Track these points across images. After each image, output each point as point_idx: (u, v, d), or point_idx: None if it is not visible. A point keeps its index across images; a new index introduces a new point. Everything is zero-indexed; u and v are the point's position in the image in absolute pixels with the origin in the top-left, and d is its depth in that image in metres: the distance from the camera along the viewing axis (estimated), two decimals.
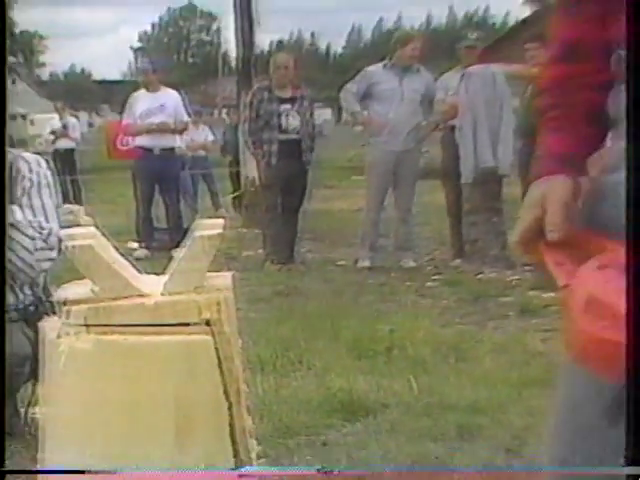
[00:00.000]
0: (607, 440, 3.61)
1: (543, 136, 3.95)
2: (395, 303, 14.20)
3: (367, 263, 17.74)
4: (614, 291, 3.18)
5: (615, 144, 3.73)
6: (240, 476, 3.70)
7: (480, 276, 15.66)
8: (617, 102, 3.67)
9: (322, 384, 9.32)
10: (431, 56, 19.48)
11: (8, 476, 3.56)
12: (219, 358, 3.63)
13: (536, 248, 3.61)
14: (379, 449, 7.55)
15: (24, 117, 21.37)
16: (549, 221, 3.58)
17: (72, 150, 27.68)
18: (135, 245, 18.19)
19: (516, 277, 15.40)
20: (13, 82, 23.81)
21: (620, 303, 3.12)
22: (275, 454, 6.96)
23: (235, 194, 20.65)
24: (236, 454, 3.72)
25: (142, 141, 20.35)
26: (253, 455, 3.80)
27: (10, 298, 8.29)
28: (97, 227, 8.71)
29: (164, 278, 3.74)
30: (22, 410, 8.13)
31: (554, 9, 3.99)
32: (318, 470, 3.71)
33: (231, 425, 3.72)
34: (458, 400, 8.71)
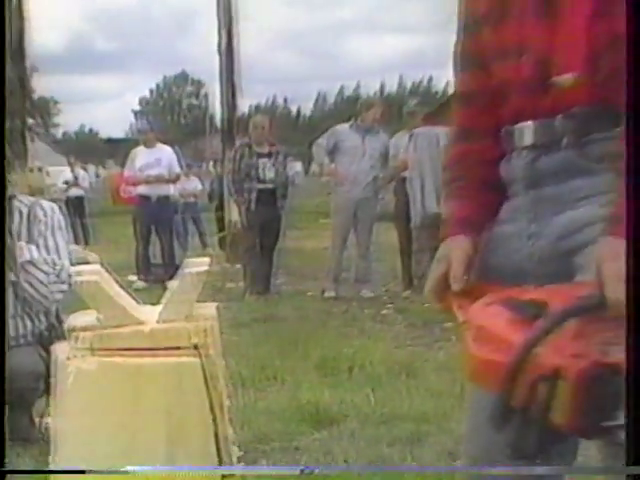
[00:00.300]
0: (494, 441, 3.67)
1: (448, 203, 4.12)
2: (356, 328, 14.21)
3: (332, 293, 17.86)
4: (498, 322, 3.35)
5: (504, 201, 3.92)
6: (223, 477, 3.69)
7: (427, 305, 15.63)
8: (508, 169, 3.82)
9: (294, 397, 9.33)
10: (385, 119, 19.53)
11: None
12: (205, 377, 3.62)
13: (445, 295, 3.80)
14: (341, 453, 7.55)
15: (40, 170, 21.35)
16: (453, 275, 3.78)
17: (82, 197, 27.75)
18: (134, 278, 18.17)
19: None
20: (32, 140, 23.94)
21: (503, 331, 3.30)
22: (253, 457, 6.95)
23: (220, 234, 20.65)
24: (220, 459, 3.70)
25: (141, 190, 20.61)
26: (234, 459, 3.78)
27: (27, 324, 8.33)
28: (102, 262, 8.71)
29: (159, 308, 3.74)
30: (37, 420, 8.12)
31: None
32: (301, 471, 3.70)
33: (216, 434, 3.71)
34: (409, 411, 8.72)
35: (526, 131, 3.71)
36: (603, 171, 3.56)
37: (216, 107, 23.40)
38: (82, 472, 3.45)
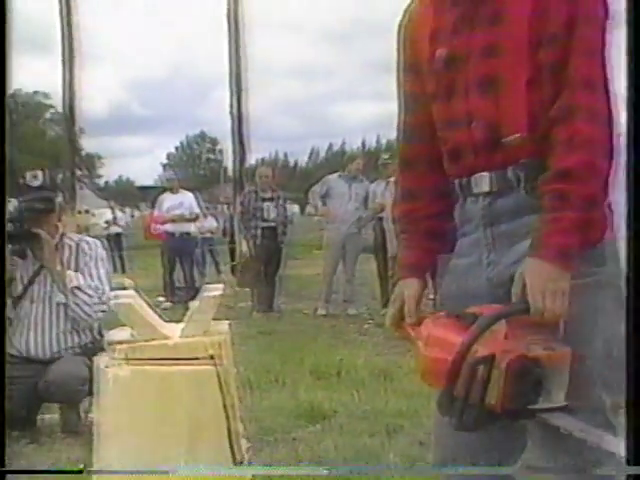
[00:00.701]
0: (458, 439, 3.81)
1: (400, 251, 4.18)
2: (342, 340, 14.30)
3: (324, 312, 18.03)
4: (443, 329, 3.53)
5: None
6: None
7: None
8: (463, 212, 3.88)
9: (292, 397, 9.35)
10: (366, 170, 19.68)
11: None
12: (220, 382, 3.57)
13: (401, 326, 3.89)
14: (332, 443, 7.50)
15: (87, 212, 21.31)
16: (407, 311, 3.89)
17: (120, 234, 27.76)
18: (162, 299, 18.11)
19: None
20: (80, 188, 24.03)
21: (447, 335, 3.48)
22: (260, 447, 6.87)
23: (232, 263, 20.63)
24: (232, 450, 3.64)
25: (167, 227, 21.07)
26: (244, 449, 3.71)
27: (75, 339, 8.35)
28: (136, 287, 8.65)
29: (181, 325, 3.69)
30: (83, 415, 8.04)
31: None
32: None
33: (228, 429, 3.65)
34: (386, 408, 8.70)
35: (483, 180, 3.73)
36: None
37: (229, 160, 23.33)
38: (80, 472, 3.35)
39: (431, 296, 7.96)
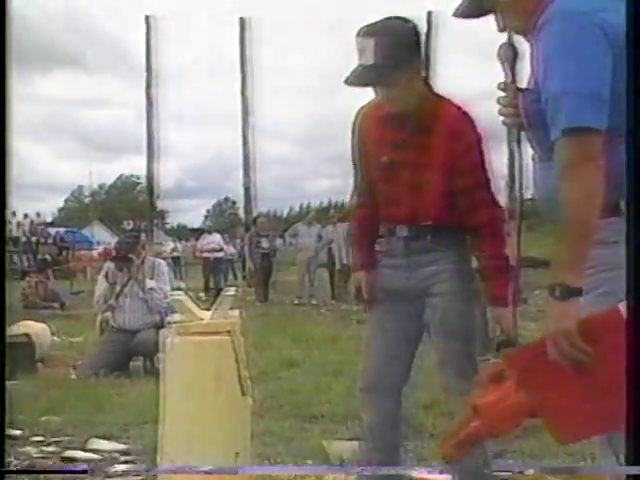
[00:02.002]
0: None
1: (353, 257, 4.20)
2: (309, 318, 14.23)
3: (297, 302, 17.91)
4: None
5: None
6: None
7: (343, 308, 15.58)
8: (388, 246, 3.72)
9: (278, 353, 9.22)
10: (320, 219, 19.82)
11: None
12: (233, 347, 3.47)
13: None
14: (301, 380, 7.35)
15: (159, 243, 21.24)
16: (360, 292, 3.86)
17: (178, 257, 27.56)
18: (202, 295, 17.93)
19: None
20: (156, 229, 23.87)
21: None
22: (258, 383, 6.72)
23: (243, 274, 20.56)
24: (241, 386, 3.55)
25: (205, 254, 21.35)
26: (248, 385, 3.60)
27: (150, 319, 8.34)
28: (187, 287, 8.61)
29: (211, 312, 3.61)
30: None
31: None
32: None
33: (238, 374, 3.56)
34: (334, 359, 8.60)
35: (403, 229, 3.58)
36: (446, 250, 3.54)
37: (241, 214, 23.28)
38: (84, 472, 3.10)
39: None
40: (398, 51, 3.24)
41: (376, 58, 3.19)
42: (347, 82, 3.26)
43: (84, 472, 3.12)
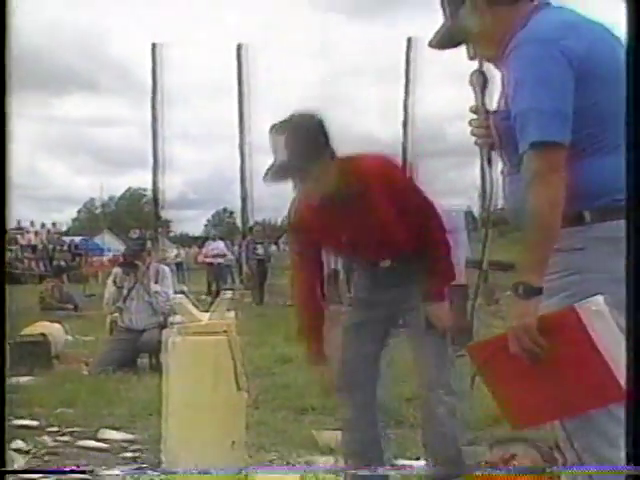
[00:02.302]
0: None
1: None
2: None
3: (290, 303, 17.39)
4: None
5: None
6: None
7: None
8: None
9: (272, 350, 9.15)
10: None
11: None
12: (230, 347, 3.49)
13: None
14: (294, 374, 7.31)
15: (163, 250, 21.12)
16: None
17: (181, 262, 27.23)
18: (204, 296, 17.81)
19: None
20: (162, 237, 23.81)
21: None
22: (254, 378, 6.67)
23: (241, 277, 20.42)
24: (236, 381, 3.55)
25: (209, 259, 21.11)
26: (243, 381, 3.59)
27: (155, 319, 8.38)
28: (189, 289, 8.59)
29: (209, 314, 3.62)
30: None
31: None
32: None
33: (235, 371, 3.57)
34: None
35: (386, 262, 3.62)
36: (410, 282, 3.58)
37: (239, 223, 23.16)
38: (83, 472, 3.09)
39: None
40: (307, 145, 3.22)
41: (288, 154, 3.18)
42: (265, 180, 3.25)
43: (82, 472, 3.08)
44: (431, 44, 2.61)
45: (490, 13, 2.44)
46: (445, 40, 2.58)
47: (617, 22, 2.19)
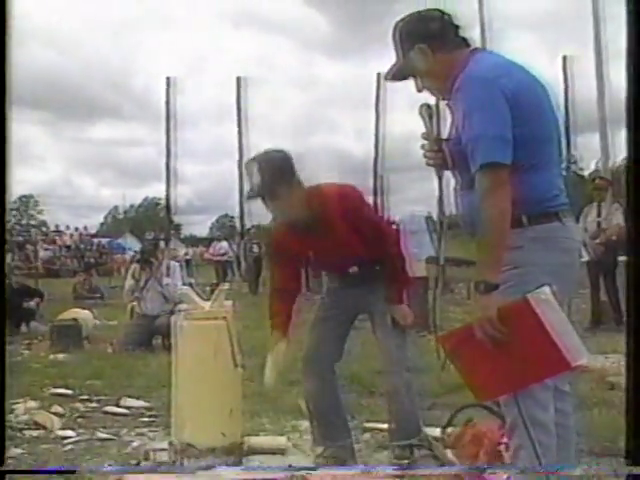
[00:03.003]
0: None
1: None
2: None
3: None
4: None
5: None
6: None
7: None
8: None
9: (262, 336, 8.40)
10: None
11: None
12: (228, 330, 3.44)
13: None
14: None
15: (174, 249, 20.75)
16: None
17: (190, 259, 26.89)
18: (208, 288, 17.71)
19: None
20: (173, 239, 23.46)
21: None
22: (245, 358, 6.62)
23: (239, 271, 20.22)
24: (233, 359, 3.51)
25: (215, 257, 21.12)
26: (239, 359, 3.54)
27: (166, 306, 8.25)
28: (196, 281, 8.59)
29: (210, 302, 3.57)
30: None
31: None
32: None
33: (232, 351, 3.53)
34: None
35: (355, 268, 3.58)
36: (374, 286, 3.56)
37: (238, 226, 22.97)
38: (72, 472, 2.98)
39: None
40: (274, 173, 3.30)
41: (261, 177, 3.29)
42: (245, 200, 3.41)
43: (72, 472, 3.00)
44: (386, 77, 2.66)
45: (434, 58, 2.50)
46: (397, 75, 2.63)
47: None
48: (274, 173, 3.29)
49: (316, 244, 3.48)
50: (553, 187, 2.45)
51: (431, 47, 2.49)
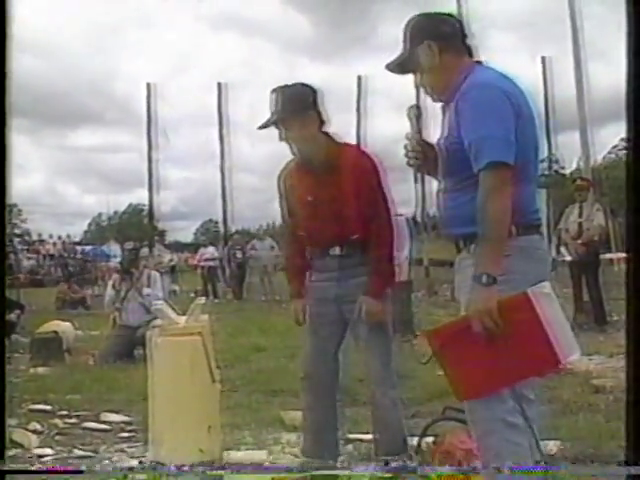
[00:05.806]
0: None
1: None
2: (272, 312, 13.48)
3: (263, 298, 17.24)
4: None
5: None
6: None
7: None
8: (321, 264, 3.57)
9: (247, 340, 8.93)
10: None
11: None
12: (204, 345, 3.37)
13: None
14: (266, 362, 7.14)
15: (159, 255, 20.55)
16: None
17: (175, 265, 26.56)
18: (192, 295, 17.53)
19: None
20: (158, 244, 23.13)
21: None
22: (229, 367, 6.52)
23: (224, 277, 20.08)
24: (210, 373, 3.43)
25: (202, 263, 20.18)
26: (216, 374, 3.47)
27: (147, 317, 8.04)
28: (181, 288, 8.44)
29: (185, 317, 3.49)
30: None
31: None
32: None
33: (209, 364, 3.46)
34: (291, 344, 8.32)
35: (335, 249, 3.47)
36: (355, 273, 3.46)
37: (221, 231, 22.86)
38: (80, 472, 2.95)
39: None
40: (294, 102, 3.35)
41: (279, 105, 3.35)
42: (260, 127, 3.40)
43: (80, 472, 2.94)
44: (388, 67, 2.67)
45: (439, 57, 2.55)
46: (399, 66, 2.66)
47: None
48: (292, 102, 3.33)
49: (316, 190, 3.45)
50: (535, 200, 2.56)
51: (439, 46, 2.55)
